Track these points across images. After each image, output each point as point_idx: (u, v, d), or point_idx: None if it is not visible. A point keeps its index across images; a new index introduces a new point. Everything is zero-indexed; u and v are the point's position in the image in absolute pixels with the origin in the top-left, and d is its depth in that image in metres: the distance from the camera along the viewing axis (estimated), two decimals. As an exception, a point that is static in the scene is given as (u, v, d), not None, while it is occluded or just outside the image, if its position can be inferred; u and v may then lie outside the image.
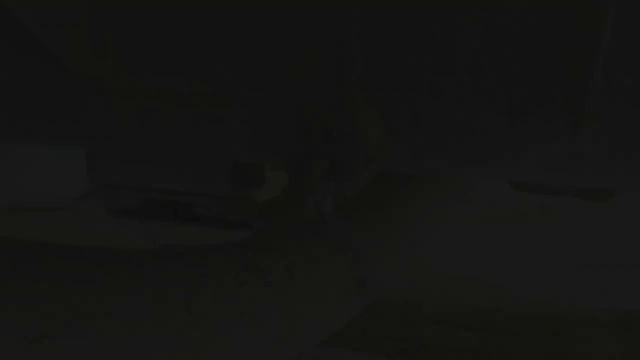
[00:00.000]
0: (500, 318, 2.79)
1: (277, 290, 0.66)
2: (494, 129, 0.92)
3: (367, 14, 0.95)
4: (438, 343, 2.40)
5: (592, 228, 4.60)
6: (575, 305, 3.00)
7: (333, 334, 0.78)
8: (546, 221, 4.92)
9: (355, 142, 0.84)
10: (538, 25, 0.90)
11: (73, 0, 0.88)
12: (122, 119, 1.04)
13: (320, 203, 0.81)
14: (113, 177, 1.06)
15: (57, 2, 0.85)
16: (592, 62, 0.79)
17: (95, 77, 1.06)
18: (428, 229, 1.17)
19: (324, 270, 0.72)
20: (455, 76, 0.93)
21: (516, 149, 0.92)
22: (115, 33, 1.04)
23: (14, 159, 4.21)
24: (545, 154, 0.91)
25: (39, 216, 4.37)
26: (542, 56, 0.90)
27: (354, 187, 0.90)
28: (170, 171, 1.02)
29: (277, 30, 0.99)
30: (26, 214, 4.38)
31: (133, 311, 0.54)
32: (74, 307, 0.51)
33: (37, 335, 0.48)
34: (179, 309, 0.56)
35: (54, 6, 0.85)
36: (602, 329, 2.69)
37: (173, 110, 1.02)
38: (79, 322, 0.50)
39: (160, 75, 1.04)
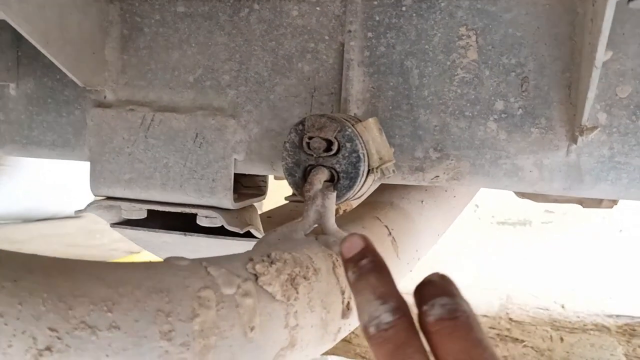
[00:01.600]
0: (506, 325, 2.78)
1: (279, 302, 0.66)
2: (494, 140, 0.92)
3: (366, 28, 0.96)
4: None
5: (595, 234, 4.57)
6: (582, 311, 2.99)
7: (338, 343, 0.78)
8: (551, 228, 4.89)
9: (357, 153, 0.84)
10: (536, 36, 0.91)
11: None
12: (124, 131, 1.05)
13: (321, 214, 0.81)
14: (115, 189, 1.06)
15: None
16: (588, 74, 0.79)
17: (97, 90, 1.07)
18: (429, 236, 1.17)
19: (326, 282, 0.72)
20: (455, 88, 0.93)
21: (516, 160, 0.92)
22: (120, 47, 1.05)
23: (27, 170, 4.23)
24: (544, 165, 0.91)
25: (50, 226, 4.39)
26: (540, 67, 0.91)
27: (356, 198, 0.90)
28: (172, 183, 1.03)
29: (276, 46, 1.00)
30: (38, 225, 4.40)
31: (136, 324, 0.54)
32: (76, 319, 0.51)
33: (40, 349, 0.49)
34: (183, 322, 0.57)
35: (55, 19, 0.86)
36: (608, 335, 2.68)
37: (174, 122, 1.02)
38: (80, 334, 0.51)
39: (162, 90, 1.05)
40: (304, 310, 0.68)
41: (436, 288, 0.57)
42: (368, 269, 0.60)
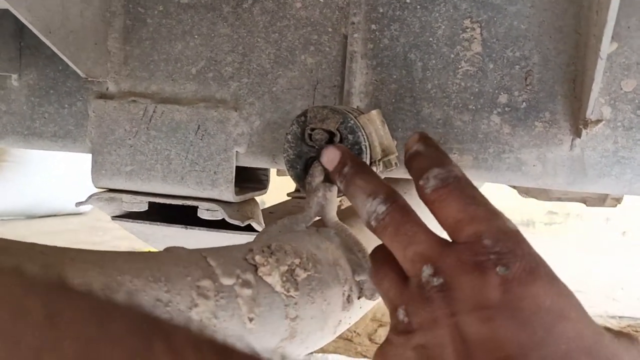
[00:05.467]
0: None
1: (279, 293, 0.65)
2: (497, 134, 0.92)
3: (369, 19, 0.96)
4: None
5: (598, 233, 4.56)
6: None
7: (341, 341, 0.77)
8: (554, 229, 4.88)
9: (359, 145, 0.84)
10: (540, 29, 0.90)
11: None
12: (126, 122, 1.05)
13: (323, 206, 0.81)
14: (116, 181, 1.06)
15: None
16: (593, 67, 0.79)
17: (99, 81, 1.06)
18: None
19: (326, 274, 0.72)
20: (458, 81, 0.93)
21: (519, 154, 0.91)
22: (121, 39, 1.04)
23: (30, 167, 4.23)
24: (548, 159, 0.91)
25: (52, 223, 4.39)
26: (544, 60, 0.90)
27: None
28: (173, 175, 1.02)
29: (279, 37, 0.99)
30: (40, 221, 4.40)
31: (134, 313, 0.54)
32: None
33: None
34: (181, 311, 0.56)
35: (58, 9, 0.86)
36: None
37: (176, 113, 1.02)
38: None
39: (165, 82, 1.05)
40: (304, 302, 0.67)
41: (426, 159, 0.62)
42: (352, 174, 0.68)
